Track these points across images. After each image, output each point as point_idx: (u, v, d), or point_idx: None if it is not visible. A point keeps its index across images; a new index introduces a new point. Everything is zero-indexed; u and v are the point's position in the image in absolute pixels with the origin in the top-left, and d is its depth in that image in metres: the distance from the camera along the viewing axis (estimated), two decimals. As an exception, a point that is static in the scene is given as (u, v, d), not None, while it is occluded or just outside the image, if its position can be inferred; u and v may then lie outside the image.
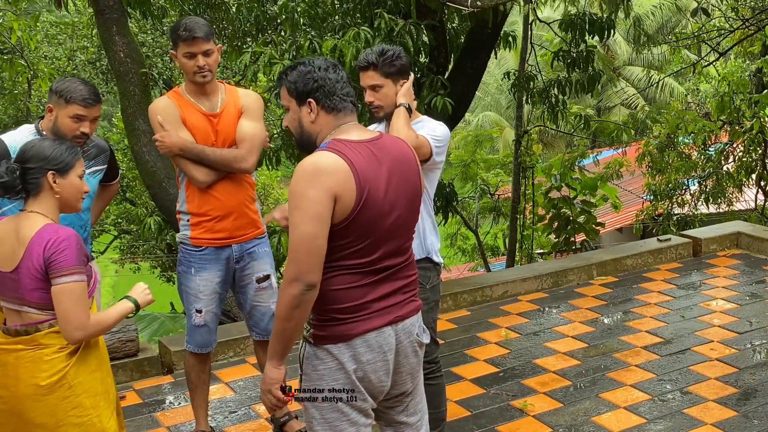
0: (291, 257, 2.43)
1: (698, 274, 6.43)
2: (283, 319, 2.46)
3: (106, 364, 2.85)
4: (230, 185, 3.70)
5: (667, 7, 23.90)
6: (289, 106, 2.63)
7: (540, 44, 14.60)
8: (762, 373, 4.59)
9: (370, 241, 2.51)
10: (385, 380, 2.63)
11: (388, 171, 2.55)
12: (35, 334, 2.67)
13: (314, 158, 2.47)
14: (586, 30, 7.46)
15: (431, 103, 6.18)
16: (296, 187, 2.43)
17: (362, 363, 2.56)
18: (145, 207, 13.09)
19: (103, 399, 2.78)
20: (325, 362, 2.56)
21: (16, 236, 2.66)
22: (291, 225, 2.44)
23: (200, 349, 3.85)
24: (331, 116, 2.59)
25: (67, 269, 2.60)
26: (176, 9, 8.78)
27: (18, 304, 2.68)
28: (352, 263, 2.51)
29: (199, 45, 3.55)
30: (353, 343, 2.54)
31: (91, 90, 3.39)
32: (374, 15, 6.08)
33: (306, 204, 2.40)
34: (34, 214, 2.69)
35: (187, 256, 3.76)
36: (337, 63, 2.67)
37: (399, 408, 2.78)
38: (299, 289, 2.41)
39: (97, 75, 14.68)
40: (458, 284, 6.26)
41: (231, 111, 3.71)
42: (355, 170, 2.45)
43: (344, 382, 2.56)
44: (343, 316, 2.53)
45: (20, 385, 2.66)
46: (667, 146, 10.89)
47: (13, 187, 2.68)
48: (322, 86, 2.57)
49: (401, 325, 2.64)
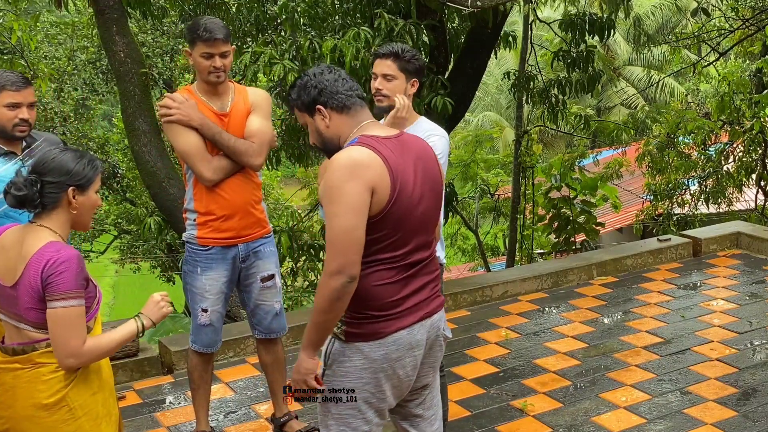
0: (332, 250, 2.46)
1: (698, 274, 6.43)
2: (324, 311, 2.48)
3: (108, 385, 2.73)
4: (237, 184, 3.70)
5: (667, 7, 23.89)
6: (305, 121, 2.67)
7: (540, 44, 14.60)
8: (762, 373, 4.59)
9: (401, 235, 2.56)
10: (411, 376, 2.67)
11: (414, 165, 2.60)
12: (32, 354, 2.57)
13: (348, 152, 2.51)
14: (586, 30, 7.47)
15: (431, 103, 6.18)
16: (333, 181, 2.46)
17: (392, 360, 2.59)
18: (145, 207, 13.09)
19: (105, 422, 2.67)
20: (352, 360, 2.58)
21: (19, 249, 2.55)
22: (329, 218, 2.47)
23: (206, 348, 3.84)
24: (344, 115, 2.62)
25: (62, 293, 2.47)
26: (176, 9, 8.78)
27: (16, 320, 2.59)
28: (386, 257, 2.55)
29: (218, 46, 3.57)
30: (386, 341, 2.57)
31: (18, 74, 3.35)
32: (374, 15, 6.08)
33: (345, 197, 2.44)
34: (42, 228, 2.57)
35: (193, 256, 3.75)
36: (332, 66, 2.69)
37: (417, 401, 2.81)
38: (342, 282, 2.44)
39: (97, 75, 14.70)
40: (458, 284, 6.26)
41: (240, 109, 3.72)
42: (388, 164, 2.50)
43: (367, 381, 2.59)
44: (379, 313, 2.56)
45: (18, 406, 2.57)
46: (667, 146, 10.90)
47: (32, 201, 2.55)
48: (323, 89, 2.60)
49: (429, 321, 2.68)
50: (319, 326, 2.52)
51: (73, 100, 15.25)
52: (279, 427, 4.06)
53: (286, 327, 4.01)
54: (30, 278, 2.51)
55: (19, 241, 2.57)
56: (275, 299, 3.89)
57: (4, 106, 3.28)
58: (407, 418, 2.82)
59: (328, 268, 2.46)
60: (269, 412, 4.26)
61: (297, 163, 8.16)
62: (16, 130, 3.31)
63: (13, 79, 3.29)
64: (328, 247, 2.48)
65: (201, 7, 7.88)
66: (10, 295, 2.57)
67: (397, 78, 3.37)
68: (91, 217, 2.68)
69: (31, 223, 2.61)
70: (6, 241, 2.62)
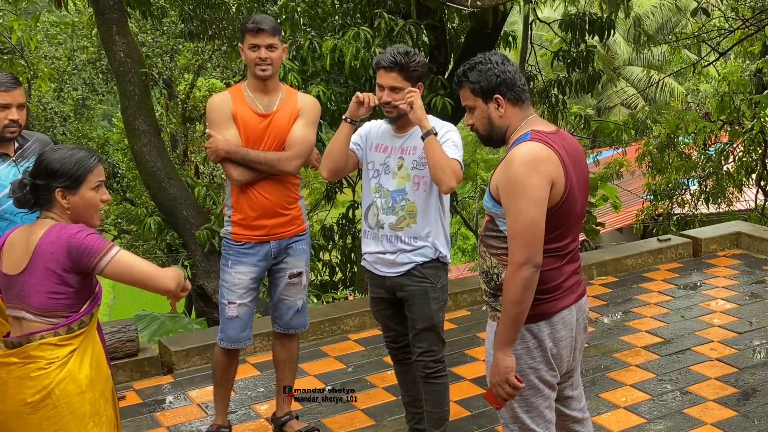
0: (520, 242, 2.55)
1: (698, 274, 6.43)
2: (517, 303, 2.57)
3: (100, 385, 2.71)
4: (272, 185, 3.74)
5: (667, 7, 23.88)
6: (474, 105, 2.71)
7: (540, 44, 14.61)
8: (762, 373, 4.59)
9: (566, 227, 2.67)
10: (570, 356, 2.79)
11: (573, 161, 2.67)
12: (26, 346, 2.59)
13: (528, 148, 2.58)
14: (586, 30, 7.47)
15: (431, 103, 6.18)
16: (517, 176, 2.54)
17: (557, 340, 2.71)
18: (145, 207, 13.06)
19: (92, 422, 2.66)
20: (524, 341, 2.69)
21: (26, 243, 2.61)
22: (515, 211, 2.55)
23: (231, 344, 3.83)
24: (517, 108, 2.69)
25: (103, 248, 2.56)
26: (176, 9, 8.78)
27: (18, 309, 2.62)
28: (552, 247, 2.64)
29: (263, 38, 3.63)
30: (553, 320, 2.69)
31: (7, 74, 3.35)
32: (374, 15, 6.09)
33: (530, 190, 2.52)
34: (47, 219, 2.64)
35: (227, 250, 3.83)
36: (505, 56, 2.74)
37: (568, 382, 2.90)
38: (530, 271, 2.54)
39: (97, 75, 14.70)
40: (458, 284, 6.26)
41: (287, 111, 3.75)
42: (562, 159, 2.59)
43: (540, 360, 2.71)
44: (544, 296, 2.66)
45: (7, 402, 2.60)
46: (667, 146, 10.89)
47: (26, 202, 2.63)
48: (505, 80, 2.66)
49: (580, 302, 2.80)
50: (514, 319, 2.60)
51: (73, 100, 15.25)
52: (279, 427, 4.06)
53: (307, 324, 4.03)
54: (43, 261, 2.56)
55: (26, 236, 2.63)
56: (299, 296, 3.93)
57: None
58: (559, 400, 2.90)
59: (515, 259, 2.55)
60: (269, 412, 4.26)
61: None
62: (6, 131, 3.31)
63: (2, 80, 3.29)
64: (513, 240, 2.56)
65: (201, 7, 7.89)
66: (16, 282, 2.61)
67: (403, 88, 3.38)
68: (93, 214, 2.69)
69: (38, 219, 2.68)
70: (14, 238, 2.68)
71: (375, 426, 4.18)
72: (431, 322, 3.52)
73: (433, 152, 3.31)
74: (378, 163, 3.53)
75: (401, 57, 3.34)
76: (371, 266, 3.61)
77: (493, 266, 2.71)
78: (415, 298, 3.50)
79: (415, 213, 3.46)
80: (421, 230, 3.46)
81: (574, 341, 2.78)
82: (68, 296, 2.60)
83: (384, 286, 3.58)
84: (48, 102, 14.39)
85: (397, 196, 3.47)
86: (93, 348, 2.70)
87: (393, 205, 3.48)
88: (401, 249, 3.48)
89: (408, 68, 3.35)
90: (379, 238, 3.52)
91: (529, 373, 2.71)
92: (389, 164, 3.50)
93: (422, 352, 3.55)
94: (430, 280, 3.50)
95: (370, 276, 3.65)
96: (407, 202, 3.46)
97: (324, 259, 8.11)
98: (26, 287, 2.59)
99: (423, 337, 3.53)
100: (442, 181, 3.34)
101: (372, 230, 3.56)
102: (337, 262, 8.11)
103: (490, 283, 2.74)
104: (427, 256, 3.49)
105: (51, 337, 2.59)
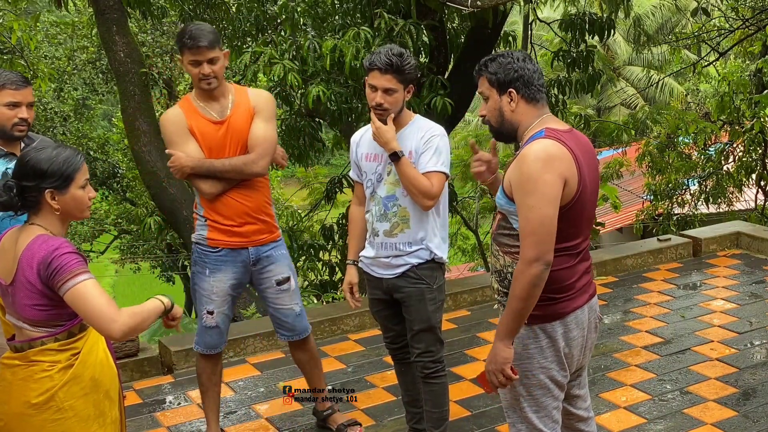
0: (531, 239, 2.55)
1: (698, 274, 6.43)
2: (523, 299, 2.58)
3: (103, 386, 2.69)
4: (245, 190, 3.68)
5: (667, 7, 23.87)
6: (489, 95, 2.74)
7: (540, 44, 14.60)
8: (762, 373, 4.59)
9: (578, 226, 2.69)
10: (580, 355, 2.82)
11: (586, 160, 2.68)
12: (28, 351, 2.58)
13: (542, 145, 2.58)
14: (586, 30, 7.46)
15: (431, 103, 6.18)
16: (531, 173, 2.55)
17: (570, 339, 2.73)
18: (145, 207, 13.09)
19: (96, 423, 2.65)
20: (538, 341, 2.71)
21: (14, 251, 2.57)
22: (527, 208, 2.56)
23: (209, 350, 3.82)
24: (530, 106, 2.71)
25: (70, 272, 2.46)
26: (176, 9, 8.78)
27: (15, 319, 2.61)
28: (565, 246, 2.65)
29: (203, 53, 3.51)
30: (566, 320, 2.72)
31: (17, 73, 3.36)
32: (374, 15, 6.08)
33: (543, 188, 2.53)
34: (33, 226, 2.58)
35: (202, 257, 3.73)
36: (530, 56, 2.76)
37: (575, 381, 2.92)
38: (540, 269, 2.55)
39: (97, 75, 14.71)
40: (458, 284, 6.26)
41: (242, 112, 3.66)
42: (575, 158, 2.61)
43: (552, 359, 2.72)
44: (558, 295, 2.68)
45: (12, 404, 2.59)
46: (667, 146, 10.89)
47: (12, 206, 2.56)
48: (522, 76, 2.68)
49: (591, 302, 2.83)
50: (518, 313, 2.61)
51: (73, 100, 15.25)
52: (322, 420, 4.06)
53: (309, 327, 3.97)
54: (25, 274, 2.51)
55: (15, 241, 2.59)
56: (293, 302, 3.86)
57: (4, 105, 3.28)
58: (566, 399, 2.91)
59: (526, 256, 2.55)
60: (269, 412, 4.26)
61: (297, 163, 8.16)
62: (15, 129, 3.31)
63: (13, 78, 3.30)
64: (524, 237, 2.57)
65: (201, 7, 7.89)
66: (8, 293, 2.59)
67: (397, 90, 3.36)
68: (82, 210, 2.63)
69: (25, 224, 2.62)
70: (5, 243, 2.65)
71: (375, 426, 4.18)
72: (428, 323, 3.52)
73: (401, 175, 3.36)
74: (370, 173, 3.53)
75: (396, 59, 3.31)
76: (367, 268, 3.61)
77: (507, 265, 2.71)
78: (411, 300, 3.50)
79: (407, 218, 3.45)
80: (416, 234, 3.46)
81: (585, 340, 2.81)
82: (54, 307, 2.55)
83: (381, 287, 3.58)
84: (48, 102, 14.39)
85: (389, 202, 3.47)
86: (97, 348, 2.69)
87: (386, 212, 3.47)
88: (396, 254, 3.49)
89: (402, 70, 3.33)
90: (375, 245, 3.53)
91: (540, 373, 2.73)
92: (380, 172, 3.50)
93: (420, 353, 3.55)
94: (426, 281, 3.49)
95: (368, 278, 3.65)
96: (399, 207, 3.46)
97: (324, 259, 8.11)
98: (16, 300, 2.56)
99: (421, 338, 3.53)
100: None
101: (368, 238, 3.58)
102: (337, 262, 8.10)
103: (503, 282, 2.74)
104: (422, 258, 3.48)
105: (51, 342, 2.58)
